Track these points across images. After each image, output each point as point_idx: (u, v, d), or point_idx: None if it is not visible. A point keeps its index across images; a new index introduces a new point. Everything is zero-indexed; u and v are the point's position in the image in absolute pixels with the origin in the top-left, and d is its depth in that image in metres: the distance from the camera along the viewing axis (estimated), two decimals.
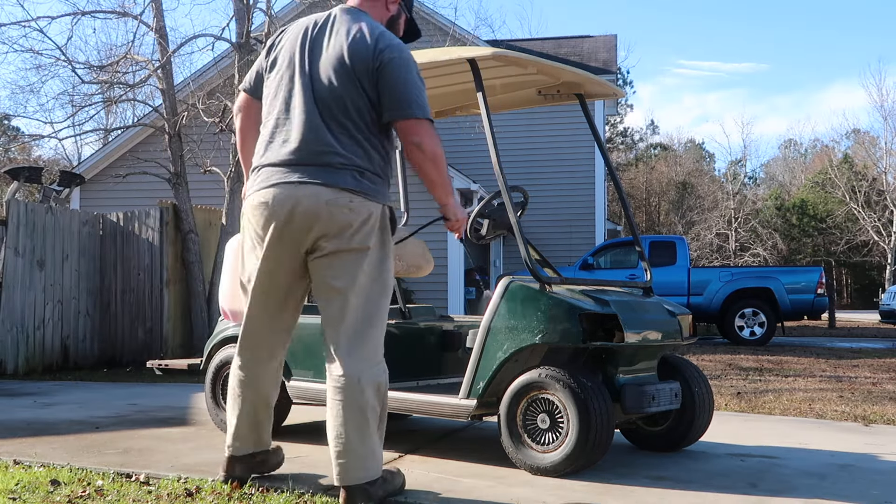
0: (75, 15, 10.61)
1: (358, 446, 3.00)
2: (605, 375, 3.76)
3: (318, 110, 3.05)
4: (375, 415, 3.04)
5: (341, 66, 3.04)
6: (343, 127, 3.04)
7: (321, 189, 3.00)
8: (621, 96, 4.84)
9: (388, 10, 3.30)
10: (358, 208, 3.02)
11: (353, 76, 3.02)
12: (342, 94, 3.03)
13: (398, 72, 3.01)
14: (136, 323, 9.88)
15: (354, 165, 3.03)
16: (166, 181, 10.35)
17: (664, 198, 46.84)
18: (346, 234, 3.02)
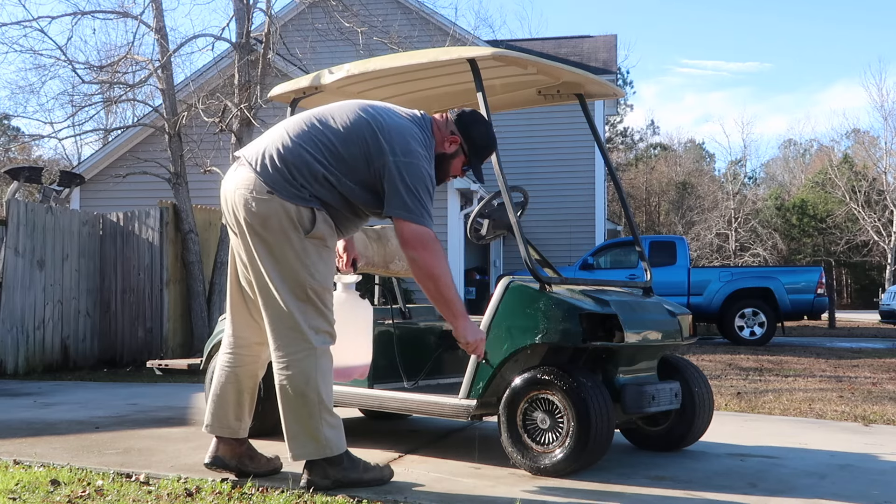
0: (75, 15, 10.61)
1: (295, 429, 3.30)
2: (605, 375, 3.76)
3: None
4: (306, 400, 3.24)
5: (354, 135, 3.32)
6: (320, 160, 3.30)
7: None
8: (621, 96, 4.84)
9: (445, 148, 3.45)
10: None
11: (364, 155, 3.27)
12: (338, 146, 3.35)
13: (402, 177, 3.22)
14: (136, 323, 9.88)
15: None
16: (166, 181, 10.35)
17: (664, 198, 46.84)
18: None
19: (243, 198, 3.22)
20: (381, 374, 4.17)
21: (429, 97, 4.99)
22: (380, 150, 3.22)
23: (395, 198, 3.18)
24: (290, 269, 3.21)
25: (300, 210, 3.21)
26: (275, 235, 3.20)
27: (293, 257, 3.21)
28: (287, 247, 3.20)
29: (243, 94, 10.23)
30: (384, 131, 3.26)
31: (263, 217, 3.19)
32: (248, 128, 10.35)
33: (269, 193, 3.19)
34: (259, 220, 3.20)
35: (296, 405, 3.27)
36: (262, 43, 10.69)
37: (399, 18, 16.68)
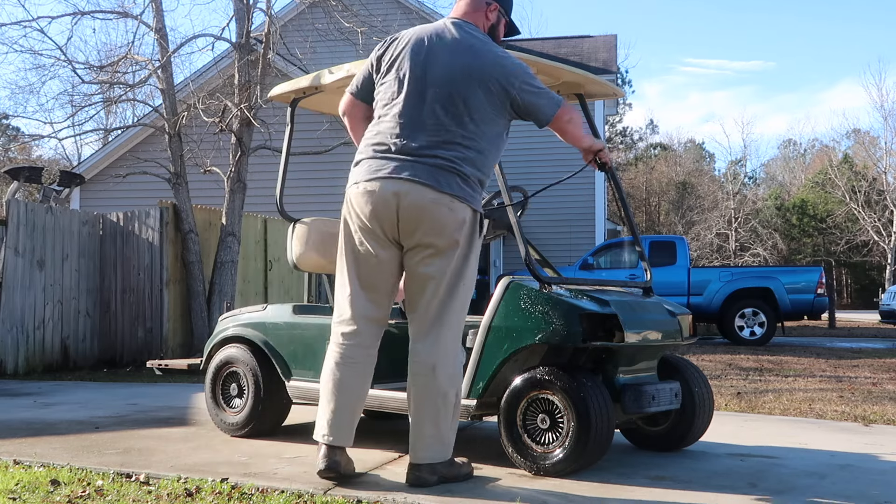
0: (75, 15, 10.61)
1: (428, 429, 3.37)
2: (605, 375, 3.75)
3: (430, 114, 3.32)
4: (447, 402, 3.35)
5: (469, 80, 3.31)
6: (450, 132, 3.31)
7: (426, 189, 3.27)
8: (621, 96, 4.84)
9: (489, 18, 3.54)
10: (457, 209, 3.31)
11: (485, 92, 3.32)
12: (459, 104, 3.31)
13: (529, 91, 3.37)
14: (136, 323, 9.88)
15: (458, 170, 3.32)
16: (166, 181, 10.35)
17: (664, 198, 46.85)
18: (441, 232, 3.31)
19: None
20: (381, 374, 4.17)
21: None
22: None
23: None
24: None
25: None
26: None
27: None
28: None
29: (243, 94, 10.23)
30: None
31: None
32: (248, 128, 10.35)
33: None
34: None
35: (439, 407, 3.36)
36: (262, 43, 10.69)
37: (399, 18, 16.69)
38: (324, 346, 4.25)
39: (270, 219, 11.73)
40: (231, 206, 10.30)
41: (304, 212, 5.79)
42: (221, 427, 4.64)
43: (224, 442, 4.43)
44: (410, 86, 3.36)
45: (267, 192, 9.42)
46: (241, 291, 10.80)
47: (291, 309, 4.54)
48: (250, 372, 4.52)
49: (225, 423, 4.61)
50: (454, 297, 3.36)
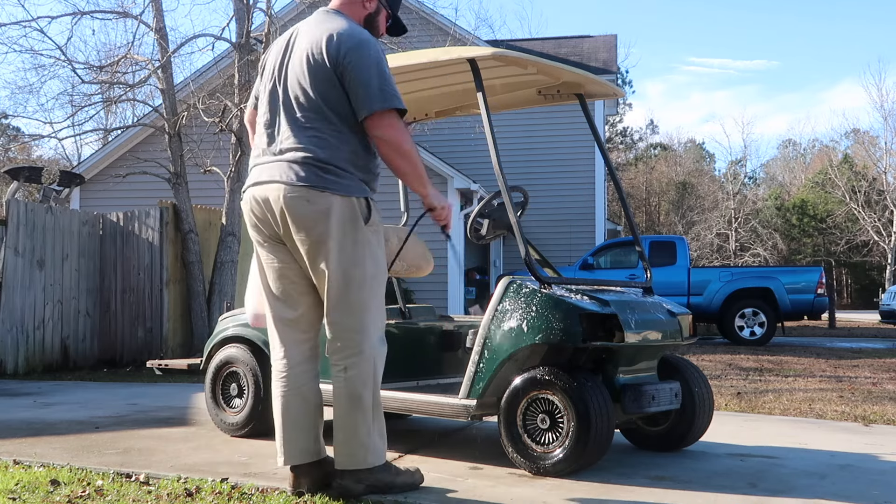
0: (75, 15, 10.61)
1: (341, 434, 3.14)
2: (605, 375, 3.75)
3: (286, 111, 3.14)
4: (362, 405, 3.10)
5: (308, 66, 3.10)
6: (303, 125, 3.10)
7: (282, 186, 3.07)
8: (621, 96, 4.84)
9: (366, 7, 3.34)
10: (315, 201, 3.05)
11: (321, 75, 3.08)
12: (306, 94, 3.10)
13: (357, 72, 3.04)
14: (136, 323, 9.88)
15: (316, 160, 3.07)
16: (166, 181, 10.35)
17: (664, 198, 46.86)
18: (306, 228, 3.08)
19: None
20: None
21: (429, 97, 4.99)
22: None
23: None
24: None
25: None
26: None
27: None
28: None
29: (243, 94, 10.23)
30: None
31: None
32: None
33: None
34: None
35: (350, 411, 3.11)
36: (262, 43, 10.69)
37: None
38: (323, 345, 4.25)
39: None
40: (231, 206, 10.30)
41: None
42: (221, 427, 4.64)
43: (224, 442, 4.43)
44: (270, 86, 3.21)
45: None
46: (241, 291, 10.79)
47: None
48: (250, 372, 4.52)
49: (225, 423, 4.61)
50: (348, 293, 3.09)
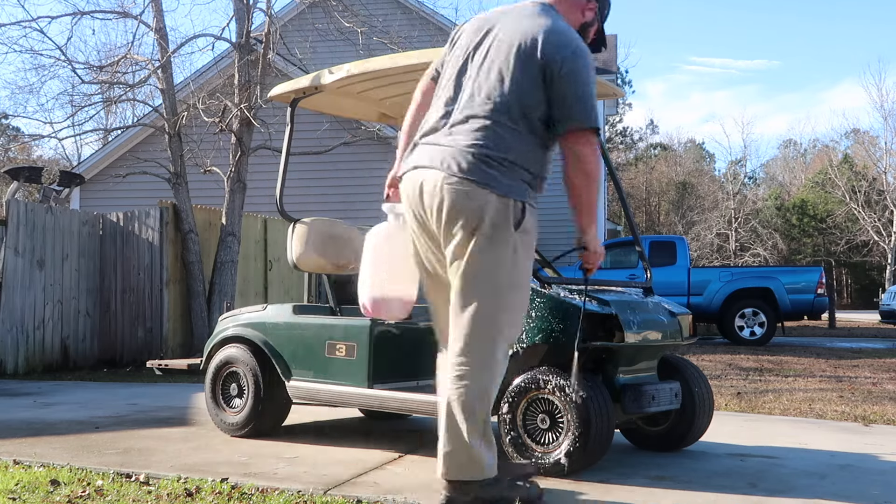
0: (75, 15, 10.60)
1: (454, 445, 2.93)
2: (605, 375, 3.75)
3: (470, 95, 2.99)
4: (474, 416, 2.91)
5: (515, 57, 2.95)
6: (484, 114, 2.96)
7: (441, 174, 2.94)
8: (621, 96, 4.84)
9: (584, 15, 3.22)
10: (474, 196, 2.90)
11: (527, 71, 2.93)
12: (501, 84, 2.95)
13: (573, 82, 2.92)
14: (136, 323, 9.88)
15: (485, 153, 2.93)
16: (166, 181, 10.35)
17: (664, 198, 46.87)
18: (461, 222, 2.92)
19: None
20: (381, 374, 4.17)
21: None
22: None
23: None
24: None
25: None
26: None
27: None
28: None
29: (243, 94, 10.23)
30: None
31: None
32: (248, 128, 10.35)
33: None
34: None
35: (460, 421, 2.91)
36: (262, 43, 10.68)
37: (399, 18, 16.68)
38: (323, 345, 4.26)
39: (270, 219, 11.73)
40: (231, 206, 10.30)
41: (304, 212, 5.78)
42: (221, 427, 4.64)
43: (224, 442, 4.43)
44: (460, 65, 3.08)
45: (267, 192, 9.42)
46: (241, 291, 10.80)
47: (291, 309, 4.54)
48: (250, 372, 4.52)
49: (225, 423, 4.61)
50: (478, 299, 2.93)
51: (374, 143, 13.05)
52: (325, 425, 5.11)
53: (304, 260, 4.59)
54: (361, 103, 5.10)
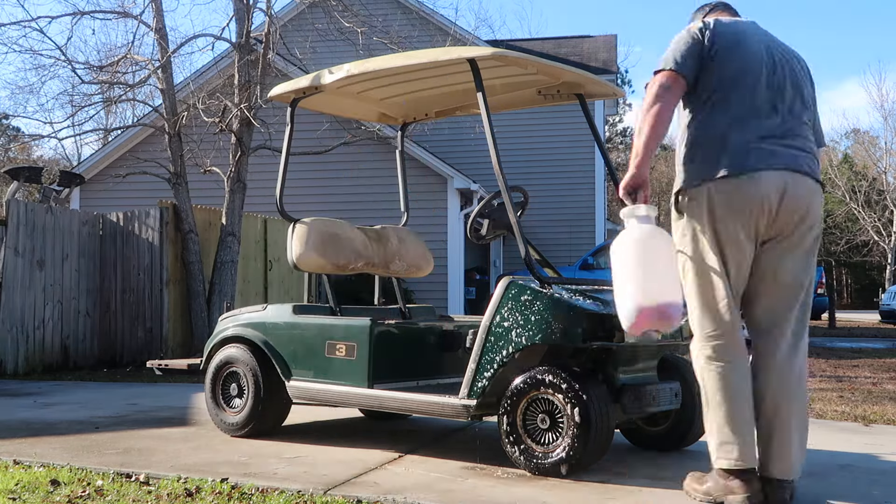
0: (75, 15, 10.60)
1: (796, 440, 3.08)
2: (605, 375, 3.76)
3: (791, 101, 3.19)
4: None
5: (803, 71, 3.28)
6: (803, 120, 3.21)
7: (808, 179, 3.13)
8: (621, 96, 4.84)
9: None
10: (822, 197, 3.23)
11: (810, 86, 3.29)
12: (805, 93, 3.24)
13: (817, 108, 3.33)
14: (136, 323, 9.88)
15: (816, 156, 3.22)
16: (166, 181, 10.35)
17: (664, 198, 46.84)
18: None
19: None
20: (381, 374, 4.18)
21: (429, 97, 4.99)
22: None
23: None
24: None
25: None
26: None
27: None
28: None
29: (243, 94, 10.23)
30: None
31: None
32: (248, 128, 10.35)
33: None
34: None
35: (805, 418, 3.12)
36: (262, 43, 10.69)
37: (399, 18, 16.68)
38: (323, 345, 4.26)
39: (270, 219, 11.73)
40: (231, 206, 10.30)
41: (304, 212, 5.79)
42: (221, 427, 4.64)
43: (224, 442, 4.43)
44: (768, 75, 3.22)
45: (267, 192, 9.42)
46: (241, 291, 10.80)
47: (291, 309, 4.54)
48: (250, 372, 4.52)
49: (225, 423, 4.61)
50: (808, 293, 3.19)
51: (374, 143, 13.05)
52: (325, 425, 5.11)
53: (304, 260, 4.59)
54: (361, 103, 5.11)
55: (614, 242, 3.29)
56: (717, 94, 3.15)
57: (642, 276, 3.11)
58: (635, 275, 3.14)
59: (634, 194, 3.23)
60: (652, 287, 3.08)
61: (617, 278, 3.23)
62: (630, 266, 3.16)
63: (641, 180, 3.21)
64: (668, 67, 3.13)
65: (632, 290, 3.13)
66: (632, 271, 3.14)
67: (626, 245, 3.22)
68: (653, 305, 3.07)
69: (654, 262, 3.14)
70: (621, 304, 3.18)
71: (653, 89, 3.12)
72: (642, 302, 3.09)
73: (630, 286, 3.14)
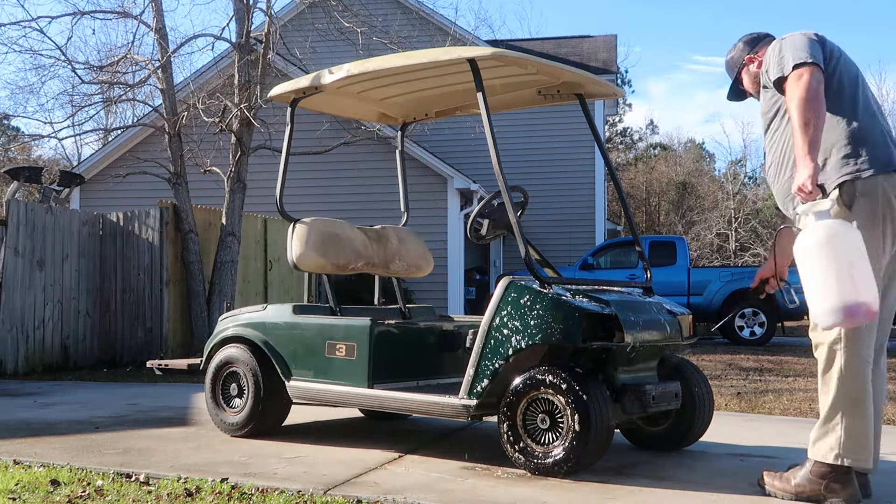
0: (75, 15, 10.60)
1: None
2: (605, 375, 3.76)
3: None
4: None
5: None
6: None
7: None
8: (621, 96, 4.84)
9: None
10: None
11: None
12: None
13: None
14: (136, 323, 9.88)
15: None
16: (166, 181, 10.35)
17: (664, 198, 46.84)
18: None
19: None
20: (381, 374, 4.18)
21: (429, 97, 4.99)
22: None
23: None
24: None
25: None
26: None
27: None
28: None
29: (243, 94, 10.23)
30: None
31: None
32: (248, 128, 10.35)
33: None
34: None
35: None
36: (262, 43, 10.69)
37: (399, 18, 16.68)
38: (323, 346, 4.26)
39: (270, 219, 11.73)
40: (231, 206, 10.30)
41: (304, 212, 5.79)
42: (221, 427, 4.64)
43: (224, 442, 4.43)
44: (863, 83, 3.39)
45: (267, 192, 9.42)
46: (241, 291, 10.80)
47: (291, 309, 4.54)
48: (250, 372, 4.52)
49: (225, 423, 4.61)
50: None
51: (374, 143, 13.05)
52: (325, 425, 5.11)
53: (304, 260, 4.59)
54: (361, 103, 5.11)
55: (800, 239, 3.17)
56: (846, 92, 3.26)
57: (845, 274, 3.02)
58: (836, 274, 3.03)
59: (821, 186, 3.12)
60: (860, 284, 3.02)
61: (813, 277, 3.11)
62: (829, 267, 3.05)
63: (818, 172, 3.09)
64: (813, 61, 3.14)
65: (840, 285, 3.03)
66: (832, 271, 3.04)
67: (818, 245, 3.07)
68: (864, 300, 3.00)
69: (852, 259, 3.04)
70: (825, 298, 3.06)
71: (805, 81, 3.11)
72: (857, 298, 3.00)
73: (835, 283, 3.04)
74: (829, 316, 3.04)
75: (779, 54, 3.25)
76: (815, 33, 3.32)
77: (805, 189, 3.05)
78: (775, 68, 3.24)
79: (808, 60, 3.12)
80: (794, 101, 3.10)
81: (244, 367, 4.55)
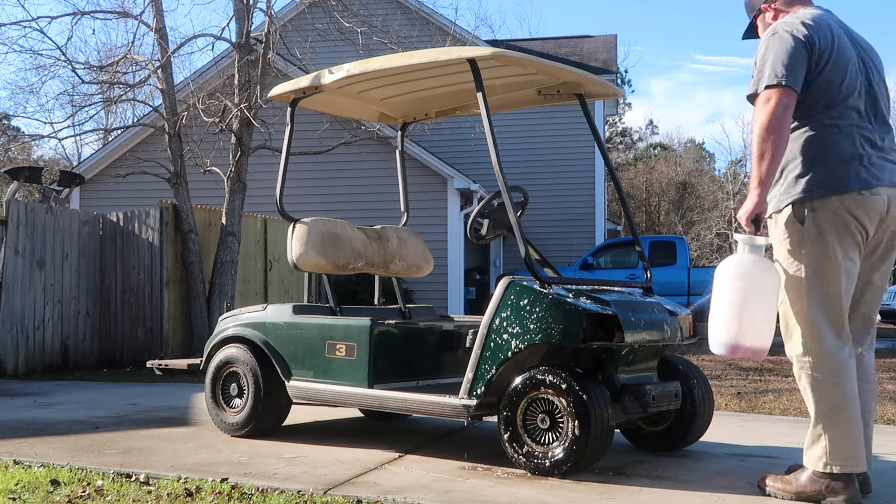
0: (75, 15, 10.60)
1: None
2: (605, 375, 3.76)
3: (882, 107, 3.26)
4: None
5: (883, 73, 3.31)
6: (890, 126, 3.27)
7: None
8: (621, 96, 4.84)
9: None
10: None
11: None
12: (887, 97, 3.30)
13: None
14: (136, 323, 9.88)
15: None
16: (166, 181, 10.35)
17: (664, 198, 46.84)
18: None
19: None
20: (381, 373, 4.18)
21: (429, 97, 4.99)
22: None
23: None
24: None
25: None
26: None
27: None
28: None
29: (243, 94, 10.23)
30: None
31: None
32: (248, 128, 10.35)
33: None
34: None
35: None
36: (262, 43, 10.69)
37: (399, 18, 16.68)
38: (323, 346, 4.26)
39: (270, 219, 11.73)
40: (231, 206, 10.30)
41: (304, 212, 5.79)
42: (221, 427, 4.64)
43: (224, 442, 4.43)
44: (864, 81, 3.25)
45: (267, 192, 9.42)
46: (241, 291, 10.80)
47: (291, 309, 4.54)
48: (250, 372, 4.52)
49: (225, 423, 4.61)
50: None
51: (374, 143, 13.05)
52: (325, 425, 5.11)
53: (304, 260, 4.59)
54: (361, 103, 5.11)
55: (724, 264, 3.27)
56: (821, 101, 3.16)
57: (745, 314, 3.14)
58: (739, 309, 3.15)
59: (757, 222, 3.19)
60: (750, 328, 3.13)
61: (719, 302, 3.23)
62: (735, 299, 3.16)
63: (764, 208, 3.17)
64: (784, 83, 3.08)
65: (732, 323, 3.16)
66: (736, 305, 3.16)
67: (737, 276, 3.17)
68: (747, 346, 3.15)
69: (758, 302, 3.15)
70: (718, 328, 3.22)
71: (770, 108, 3.07)
72: (739, 341, 3.15)
73: (731, 318, 3.17)
74: (714, 345, 3.24)
75: (761, 60, 3.18)
76: (810, 23, 3.18)
77: (742, 222, 3.17)
78: (753, 80, 3.20)
79: (781, 82, 3.07)
80: (756, 128, 3.11)
81: (244, 367, 4.56)
